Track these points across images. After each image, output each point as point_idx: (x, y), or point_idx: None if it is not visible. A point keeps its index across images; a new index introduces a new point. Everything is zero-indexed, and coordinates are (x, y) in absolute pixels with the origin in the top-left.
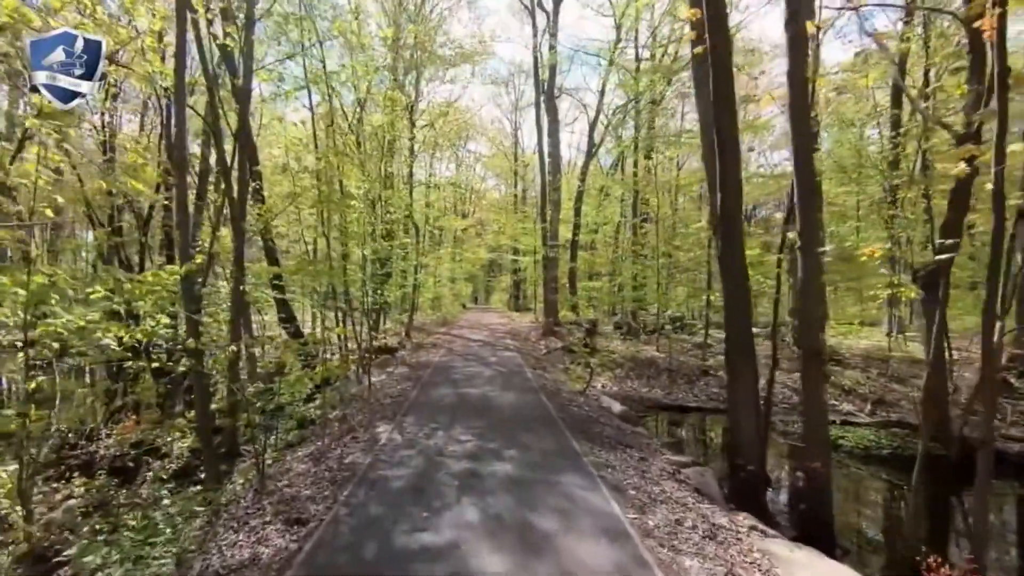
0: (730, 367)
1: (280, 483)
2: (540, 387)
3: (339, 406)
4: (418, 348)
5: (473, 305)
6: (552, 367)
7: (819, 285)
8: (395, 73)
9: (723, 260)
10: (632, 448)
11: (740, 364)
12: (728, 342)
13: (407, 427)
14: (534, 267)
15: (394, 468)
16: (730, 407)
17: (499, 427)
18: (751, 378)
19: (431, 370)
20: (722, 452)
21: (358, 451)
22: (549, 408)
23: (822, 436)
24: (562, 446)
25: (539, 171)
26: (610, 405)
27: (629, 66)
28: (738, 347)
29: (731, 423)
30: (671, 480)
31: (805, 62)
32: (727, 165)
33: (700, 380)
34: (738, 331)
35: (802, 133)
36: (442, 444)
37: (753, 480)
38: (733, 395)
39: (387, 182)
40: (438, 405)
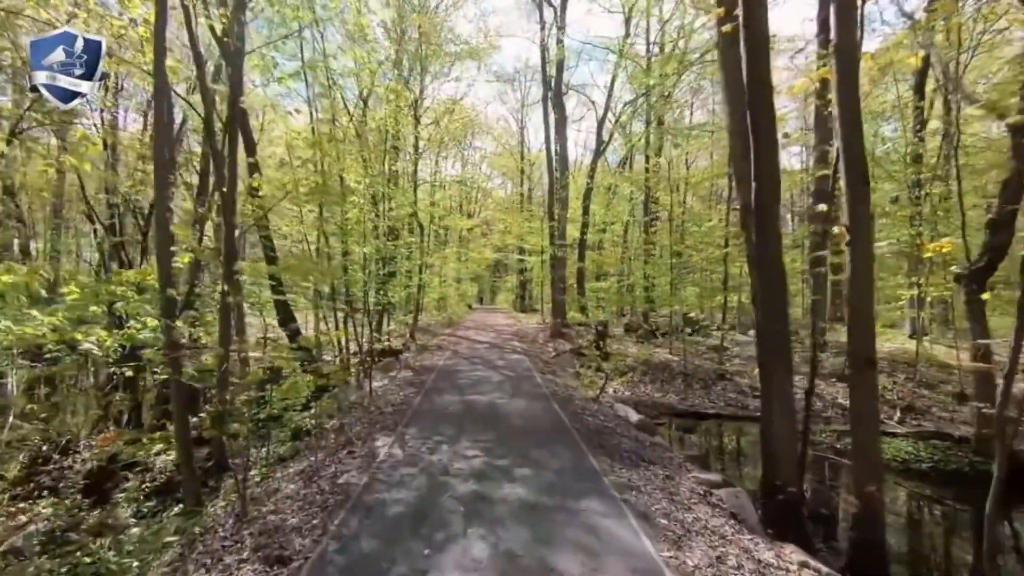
0: (764, 375)
1: (265, 508)
2: (551, 393)
3: (337, 415)
4: (423, 350)
5: (479, 306)
6: (562, 371)
7: (870, 284)
8: (399, 68)
9: (758, 255)
10: (655, 464)
11: (776, 372)
12: (761, 347)
13: (409, 440)
14: (541, 267)
15: (393, 490)
16: (764, 420)
17: (509, 440)
18: (787, 388)
19: (436, 374)
20: (738, 460)
21: (354, 469)
22: (562, 417)
23: (874, 456)
24: (579, 463)
25: (546, 169)
26: (626, 414)
27: (639, 61)
28: (773, 352)
29: (765, 437)
30: (703, 504)
31: (855, 31)
32: (762, 152)
33: (716, 385)
34: (773, 334)
35: (850, 113)
36: (447, 461)
37: (793, 504)
38: (767, 406)
39: (392, 180)
40: (443, 414)
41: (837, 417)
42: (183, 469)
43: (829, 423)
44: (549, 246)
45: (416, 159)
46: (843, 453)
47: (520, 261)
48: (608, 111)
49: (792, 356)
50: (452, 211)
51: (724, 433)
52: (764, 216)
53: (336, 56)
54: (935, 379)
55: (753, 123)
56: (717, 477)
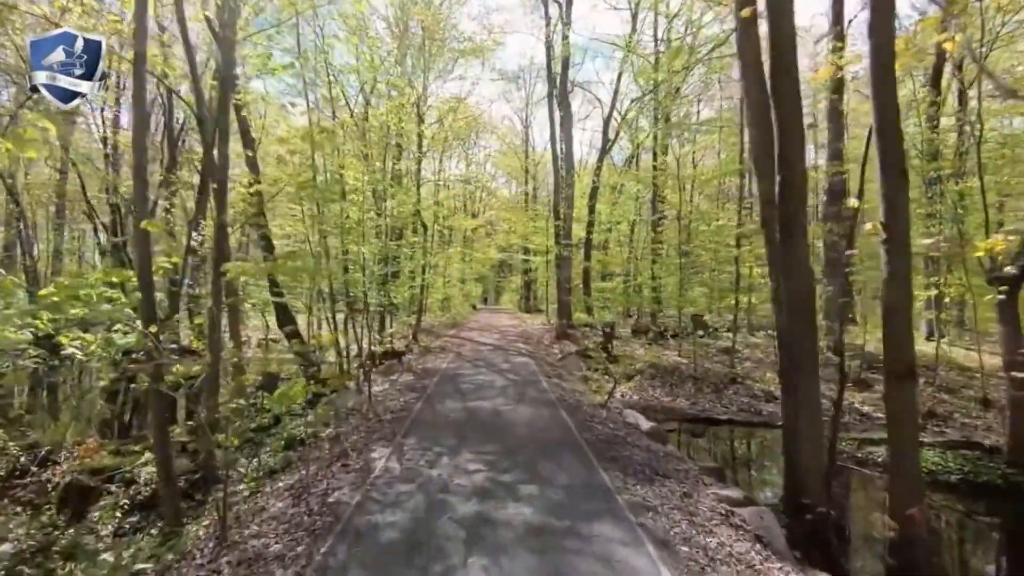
0: (787, 382)
1: (247, 531)
2: (558, 399)
3: (333, 422)
4: (426, 352)
5: (483, 306)
6: (568, 375)
7: (909, 285)
8: (402, 65)
9: (782, 254)
10: (670, 479)
11: (802, 380)
12: (784, 352)
13: (407, 452)
14: (545, 267)
15: (387, 511)
16: (787, 432)
17: (514, 452)
18: (815, 397)
19: (438, 378)
20: (756, 470)
21: (347, 485)
22: (569, 425)
23: (913, 474)
24: (589, 478)
25: (552, 167)
26: (637, 421)
27: (646, 57)
28: (799, 360)
29: (789, 450)
30: (726, 526)
31: (891, 10)
32: (787, 143)
33: (728, 389)
34: (801, 341)
35: (887, 98)
36: (447, 476)
37: (822, 525)
38: (792, 417)
39: (395, 179)
40: (444, 422)
41: (855, 423)
42: (162, 486)
43: (848, 430)
44: (555, 245)
45: (419, 157)
46: (864, 463)
47: (525, 261)
48: (614, 109)
49: (819, 363)
50: (456, 211)
51: (738, 440)
52: (789, 212)
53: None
54: (955, 383)
55: (778, 113)
56: (738, 493)
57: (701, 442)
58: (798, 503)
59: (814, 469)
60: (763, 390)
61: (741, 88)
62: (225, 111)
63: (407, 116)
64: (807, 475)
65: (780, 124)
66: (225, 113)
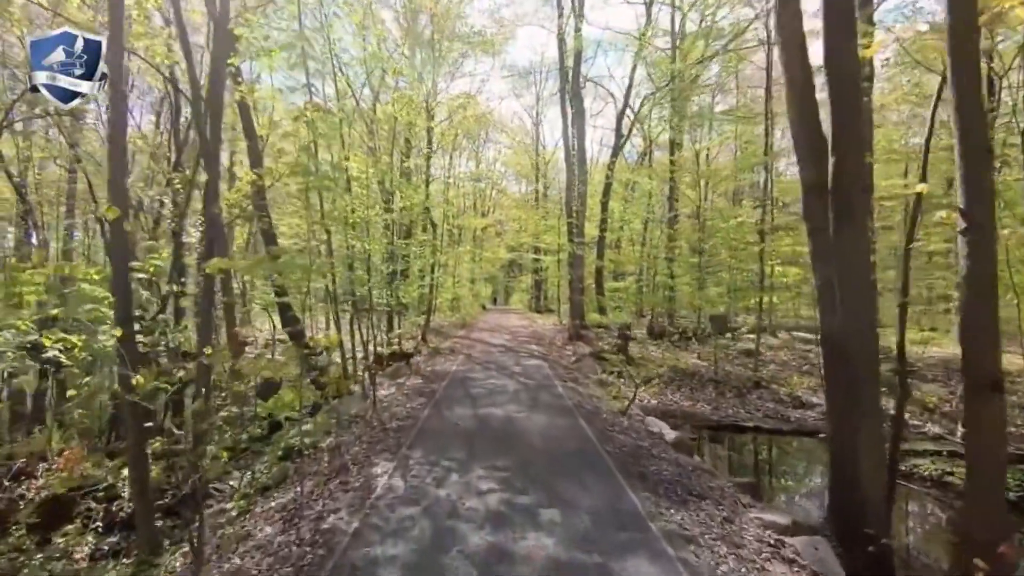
0: (835, 391)
1: (227, 564)
2: (575, 406)
3: (335, 431)
4: (435, 354)
5: (493, 306)
6: (584, 378)
7: (994, 284)
8: (411, 60)
9: (838, 246)
10: (706, 500)
11: (863, 390)
12: (836, 358)
13: (413, 466)
14: (557, 266)
15: (388, 542)
16: (838, 448)
17: (530, 467)
18: (876, 410)
19: (447, 382)
20: (793, 485)
21: (344, 507)
22: (589, 436)
23: (997, 504)
24: (617, 500)
25: (564, 163)
26: (660, 430)
27: (662, 48)
28: (858, 366)
29: (841, 470)
30: (778, 560)
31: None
32: (843, 119)
33: (751, 393)
34: (860, 344)
35: (967, 66)
36: (456, 497)
37: (887, 560)
38: (845, 432)
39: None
40: (454, 432)
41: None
42: (137, 507)
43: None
44: (567, 243)
45: (428, 154)
46: (910, 476)
47: (535, 261)
48: (627, 105)
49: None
50: (466, 210)
51: (767, 449)
52: (845, 197)
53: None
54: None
55: (834, 89)
56: (784, 518)
57: (727, 451)
58: (859, 532)
59: (875, 492)
60: (789, 395)
61: (780, 64)
62: (218, 94)
63: (416, 111)
64: (866, 499)
65: (836, 101)
66: (218, 96)
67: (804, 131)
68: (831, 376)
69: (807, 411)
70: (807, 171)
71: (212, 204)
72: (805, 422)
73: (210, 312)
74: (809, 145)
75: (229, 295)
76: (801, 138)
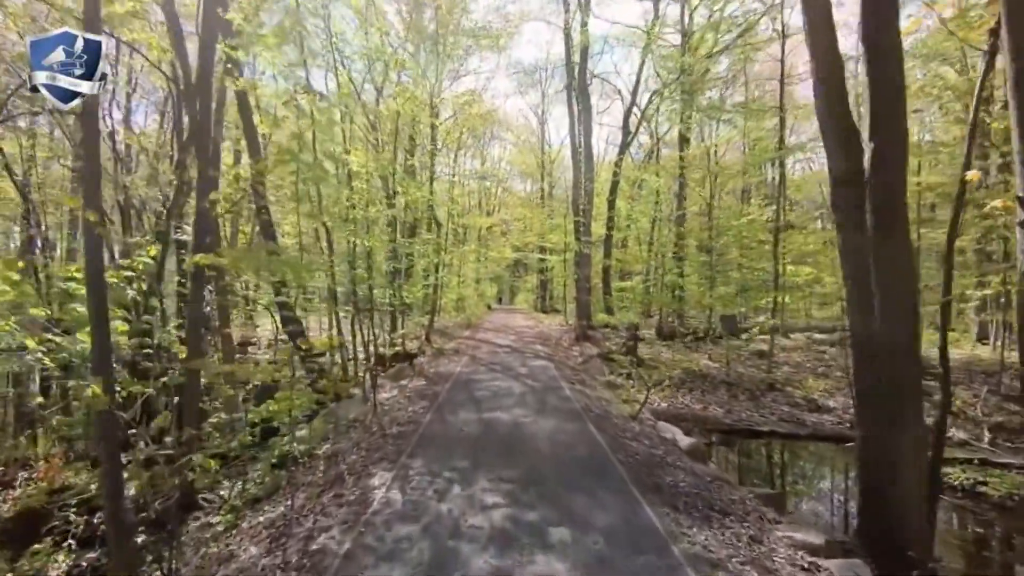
0: (870, 402)
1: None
2: (584, 409)
3: (332, 436)
4: (439, 355)
5: (498, 306)
6: (592, 380)
7: None
8: (416, 58)
9: (878, 242)
10: (729, 516)
11: (905, 400)
12: (867, 362)
13: (413, 477)
14: (563, 266)
15: (382, 566)
16: (870, 462)
17: (538, 478)
18: (920, 420)
19: (451, 384)
20: (817, 494)
21: (337, 525)
22: (600, 443)
23: None
24: (633, 517)
25: (570, 161)
26: (674, 436)
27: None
28: (899, 373)
29: (876, 483)
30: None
31: None
32: (886, 96)
33: (765, 396)
34: (902, 350)
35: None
36: (458, 513)
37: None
38: (880, 447)
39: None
40: (457, 438)
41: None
42: (109, 528)
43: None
44: (574, 242)
45: (432, 150)
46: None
47: (541, 260)
48: (635, 103)
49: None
50: (471, 209)
51: (784, 454)
52: (885, 189)
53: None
54: (1017, 391)
55: (872, 62)
56: (816, 537)
57: (743, 456)
58: (893, 552)
59: (916, 511)
60: (805, 398)
61: (807, 47)
62: (207, 78)
63: (420, 107)
64: (905, 517)
65: (877, 80)
66: (207, 81)
67: (833, 119)
68: (863, 383)
69: (824, 415)
70: (837, 162)
71: (203, 197)
72: (822, 426)
73: (200, 311)
74: (839, 134)
75: (223, 294)
76: (830, 126)
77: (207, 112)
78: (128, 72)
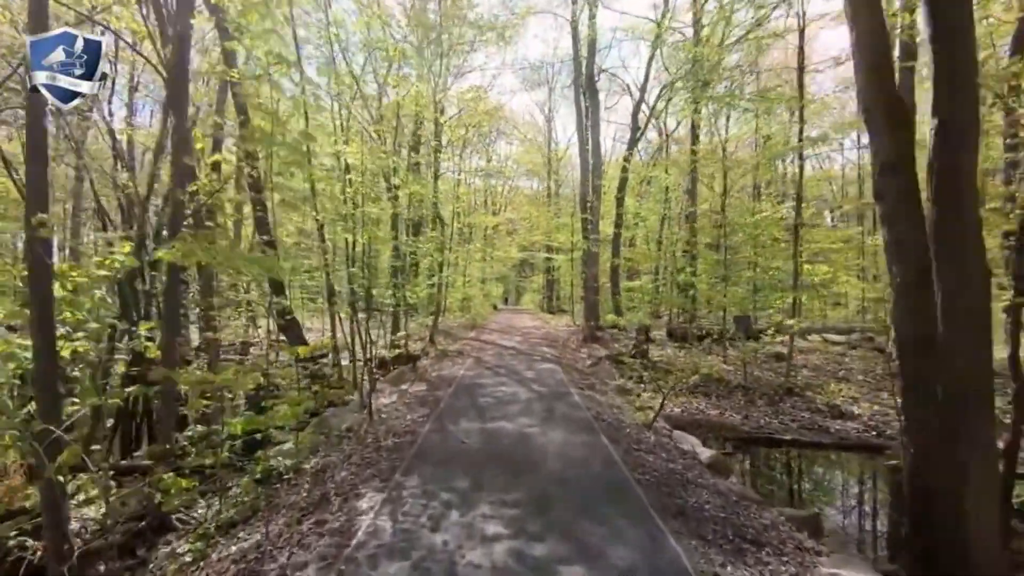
0: (921, 415)
1: None
2: (595, 418)
3: (323, 448)
4: (442, 357)
5: (504, 306)
6: (602, 384)
7: None
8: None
9: (939, 232)
10: (764, 548)
11: (970, 419)
12: (923, 373)
13: (406, 499)
14: (570, 265)
15: None
16: (927, 483)
17: (547, 503)
18: (991, 439)
19: (453, 389)
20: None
21: (314, 560)
22: (614, 458)
23: None
24: (658, 552)
25: (577, 160)
26: (692, 447)
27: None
28: (966, 384)
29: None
30: None
31: None
32: (954, 71)
33: (784, 401)
34: (971, 357)
35: None
36: (455, 546)
37: None
38: (939, 466)
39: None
40: (457, 452)
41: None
42: (51, 563)
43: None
44: (581, 240)
45: (436, 146)
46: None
47: (547, 260)
48: (643, 98)
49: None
50: (477, 207)
51: (809, 464)
52: (949, 171)
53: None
54: None
55: (937, 26)
56: (869, 574)
57: (764, 467)
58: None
59: (989, 542)
60: (827, 404)
61: (846, 15)
62: (184, 60)
63: (424, 103)
64: (982, 555)
65: (942, 40)
66: (183, 64)
67: (879, 96)
68: (914, 393)
69: (848, 422)
70: (882, 143)
71: (177, 186)
72: (848, 435)
73: (174, 312)
74: (886, 112)
75: (210, 294)
76: (875, 104)
77: (184, 100)
78: (130, 68)
